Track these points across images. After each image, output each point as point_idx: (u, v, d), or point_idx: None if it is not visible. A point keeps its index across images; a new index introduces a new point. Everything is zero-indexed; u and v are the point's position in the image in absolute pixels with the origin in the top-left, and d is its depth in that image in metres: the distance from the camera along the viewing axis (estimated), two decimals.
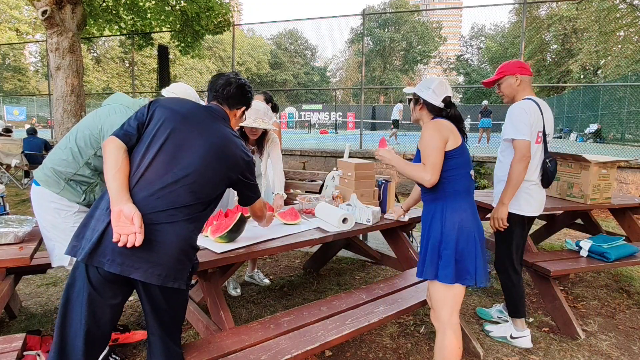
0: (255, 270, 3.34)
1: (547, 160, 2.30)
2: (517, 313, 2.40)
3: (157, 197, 1.34)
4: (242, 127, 2.84)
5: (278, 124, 3.36)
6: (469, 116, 25.12)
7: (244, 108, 1.66)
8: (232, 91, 1.59)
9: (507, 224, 2.25)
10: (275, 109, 3.95)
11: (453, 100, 1.84)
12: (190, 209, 1.38)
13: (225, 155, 1.46)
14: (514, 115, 2.21)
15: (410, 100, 1.91)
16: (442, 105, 1.80)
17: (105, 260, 1.26)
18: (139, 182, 1.35)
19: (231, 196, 2.88)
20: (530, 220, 2.40)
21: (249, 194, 1.65)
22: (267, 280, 3.26)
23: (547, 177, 2.31)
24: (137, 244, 1.24)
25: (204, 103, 1.63)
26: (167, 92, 2.03)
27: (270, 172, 3.02)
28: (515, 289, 2.39)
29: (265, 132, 2.84)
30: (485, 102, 14.86)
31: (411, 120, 1.94)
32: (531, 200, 2.30)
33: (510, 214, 2.25)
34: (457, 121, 1.81)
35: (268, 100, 3.81)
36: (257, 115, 2.70)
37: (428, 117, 1.85)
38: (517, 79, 2.28)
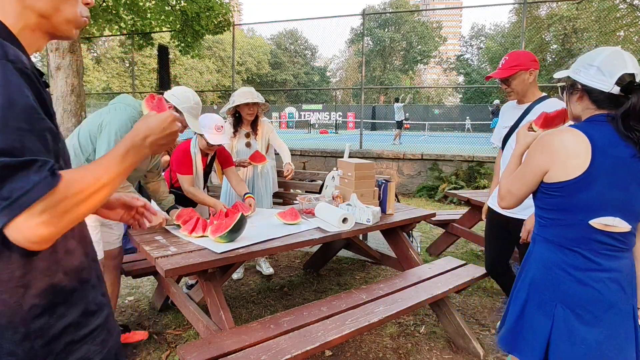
0: (263, 258, 3.37)
1: None
2: None
3: None
4: (237, 111, 3.01)
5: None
6: (468, 117, 25.16)
7: None
8: None
9: None
10: None
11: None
12: None
13: None
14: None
15: (563, 88, 1.34)
16: (616, 90, 1.13)
17: None
18: None
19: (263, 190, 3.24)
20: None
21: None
22: (271, 269, 3.29)
23: None
24: None
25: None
26: (168, 94, 2.03)
27: (269, 164, 3.19)
28: None
29: (257, 116, 3.09)
30: (497, 102, 14.84)
31: (570, 117, 1.32)
32: None
33: None
34: None
35: None
36: (252, 95, 2.94)
37: (588, 113, 1.21)
38: (530, 74, 2.00)
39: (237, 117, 3.06)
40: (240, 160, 2.97)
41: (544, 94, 2.07)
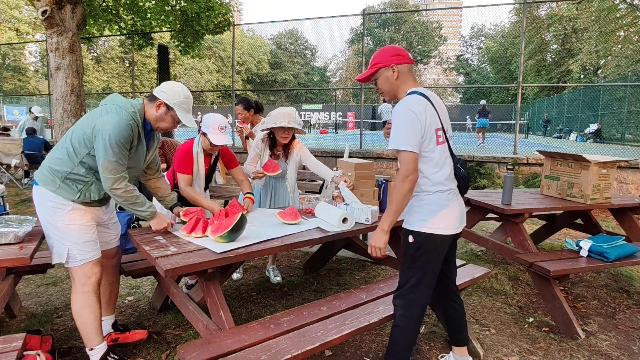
0: (273, 266, 3.38)
1: (459, 166, 1.82)
2: None
3: None
4: (272, 132, 2.91)
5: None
6: (468, 116, 25.18)
7: None
8: None
9: (386, 254, 1.88)
10: (260, 109, 3.98)
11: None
12: None
13: None
14: (398, 118, 1.70)
15: None
16: None
17: None
18: None
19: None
20: (454, 238, 1.88)
21: None
22: (278, 279, 3.29)
23: (464, 185, 1.85)
24: None
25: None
26: (157, 91, 2.00)
27: (293, 176, 3.06)
28: (404, 334, 1.84)
29: (292, 138, 2.94)
30: (483, 102, 14.84)
31: None
32: (453, 214, 1.80)
33: (427, 235, 1.76)
34: None
35: (249, 107, 3.84)
36: (290, 118, 2.80)
37: None
38: (393, 70, 1.78)
39: (272, 138, 2.93)
40: (255, 172, 2.87)
41: (413, 89, 1.79)
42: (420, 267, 1.79)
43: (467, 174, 1.86)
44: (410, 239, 1.79)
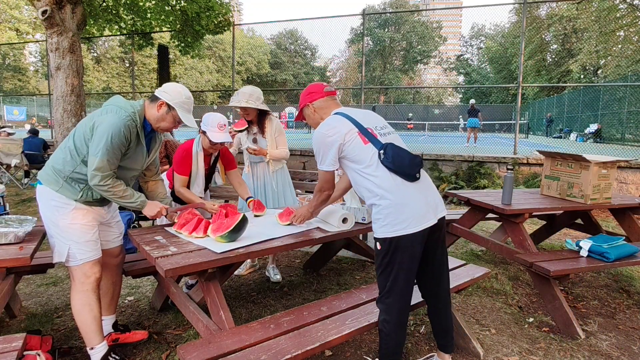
0: (273, 265, 3.39)
1: (381, 152, 1.76)
2: None
3: None
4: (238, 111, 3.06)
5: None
6: (460, 116, 25.18)
7: None
8: None
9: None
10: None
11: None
12: None
13: None
14: (314, 143, 1.89)
15: None
16: None
17: None
18: None
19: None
20: (431, 232, 1.79)
21: None
22: (278, 277, 3.30)
23: (399, 169, 1.75)
24: None
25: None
26: (159, 92, 2.01)
27: (272, 148, 3.11)
28: (389, 337, 1.82)
29: (264, 113, 3.06)
30: (472, 101, 14.83)
31: None
32: (412, 210, 1.72)
33: (391, 239, 1.72)
34: None
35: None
36: (243, 97, 2.94)
37: None
38: (310, 107, 2.00)
39: (250, 121, 3.08)
40: (247, 149, 3.03)
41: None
42: (391, 271, 1.76)
43: (395, 155, 1.75)
44: (378, 246, 1.79)
